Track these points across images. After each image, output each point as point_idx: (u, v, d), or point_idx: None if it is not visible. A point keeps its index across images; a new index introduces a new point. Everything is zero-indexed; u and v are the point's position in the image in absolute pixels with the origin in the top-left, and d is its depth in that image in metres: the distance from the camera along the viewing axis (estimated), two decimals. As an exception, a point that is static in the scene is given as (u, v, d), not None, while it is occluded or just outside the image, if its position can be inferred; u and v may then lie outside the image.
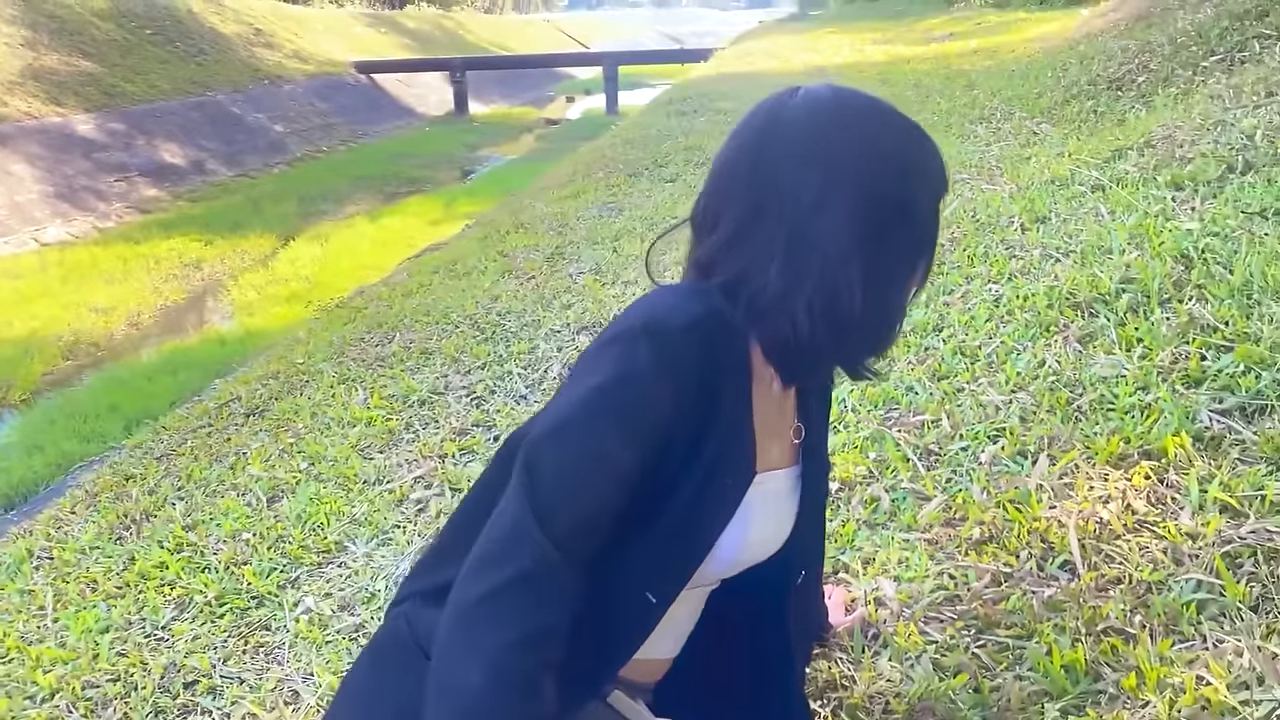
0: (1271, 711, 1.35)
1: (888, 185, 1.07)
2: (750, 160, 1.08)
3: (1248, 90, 5.10)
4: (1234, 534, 1.76)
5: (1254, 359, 2.35)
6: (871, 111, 1.10)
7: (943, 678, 1.56)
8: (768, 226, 1.04)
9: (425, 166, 23.04)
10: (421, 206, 17.82)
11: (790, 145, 1.06)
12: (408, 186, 20.70)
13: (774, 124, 1.09)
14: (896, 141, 1.10)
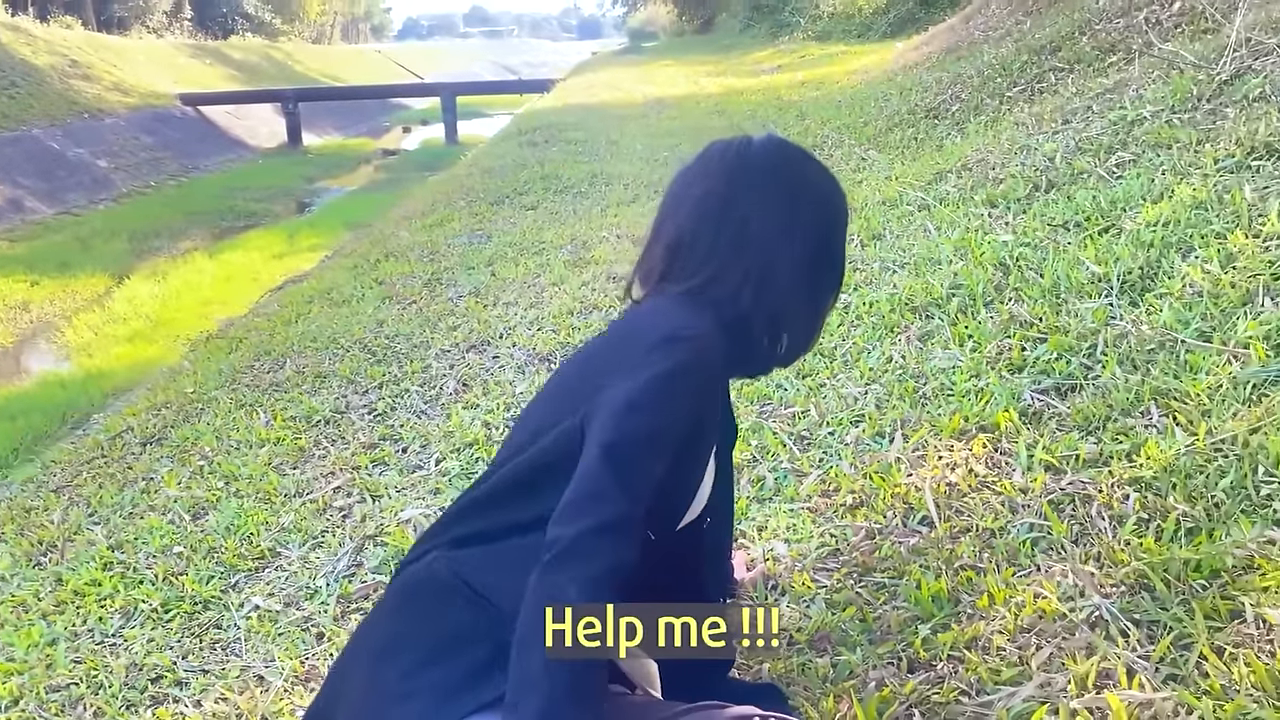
0: (1091, 614, 1.72)
1: (828, 227, 1.47)
2: (722, 198, 1.42)
3: (1047, 118, 5.73)
4: (1056, 486, 2.15)
5: (1064, 347, 2.79)
6: (815, 163, 1.51)
7: (834, 612, 1.88)
8: (740, 254, 1.39)
9: (261, 200, 22.55)
10: (263, 240, 17.47)
11: (759, 189, 1.42)
12: (245, 221, 20.23)
13: (743, 169, 1.43)
14: (834, 190, 1.51)
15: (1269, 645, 1.55)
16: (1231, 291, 2.75)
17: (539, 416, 1.41)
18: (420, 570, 1.39)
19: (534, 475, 1.34)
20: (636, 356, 1.32)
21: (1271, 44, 4.78)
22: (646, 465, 1.26)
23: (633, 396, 1.27)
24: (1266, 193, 3.33)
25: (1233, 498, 1.91)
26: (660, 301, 1.43)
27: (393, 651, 1.31)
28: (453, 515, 1.44)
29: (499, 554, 1.34)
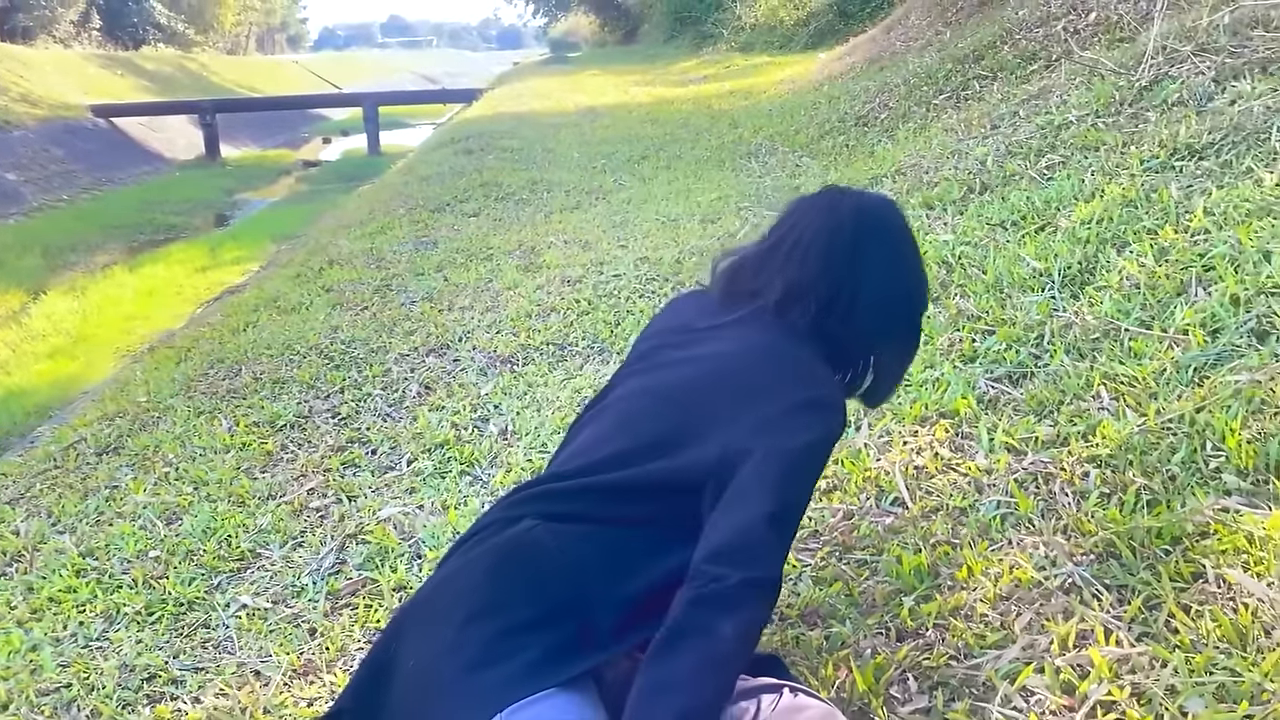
0: (1065, 580, 1.83)
1: (925, 292, 1.78)
2: (848, 254, 1.63)
3: (975, 123, 5.94)
4: (1019, 466, 2.27)
5: (1013, 338, 2.93)
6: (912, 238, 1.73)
7: (821, 588, 1.96)
8: (866, 307, 1.63)
9: (180, 213, 22.04)
10: (184, 254, 17.07)
11: (889, 252, 1.68)
12: (165, 234, 19.75)
13: (875, 232, 1.67)
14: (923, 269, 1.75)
15: (1231, 602, 1.67)
16: (1166, 282, 2.91)
17: (670, 425, 1.51)
18: (522, 535, 1.44)
19: (654, 485, 1.46)
20: (785, 409, 1.48)
21: (1185, 51, 5.03)
22: (796, 528, 1.47)
23: (794, 463, 1.43)
24: (1191, 190, 3.52)
25: (1186, 471, 2.04)
26: (783, 333, 1.60)
27: (490, 612, 1.36)
28: (556, 493, 1.50)
29: (605, 540, 1.43)
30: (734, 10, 23.14)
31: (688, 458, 1.45)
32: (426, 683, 1.37)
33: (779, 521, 1.38)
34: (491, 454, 2.90)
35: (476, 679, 1.32)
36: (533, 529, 1.45)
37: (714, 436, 1.45)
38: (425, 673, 1.38)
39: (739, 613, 1.31)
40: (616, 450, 1.53)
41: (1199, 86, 4.59)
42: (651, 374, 1.66)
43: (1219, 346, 2.48)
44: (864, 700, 1.62)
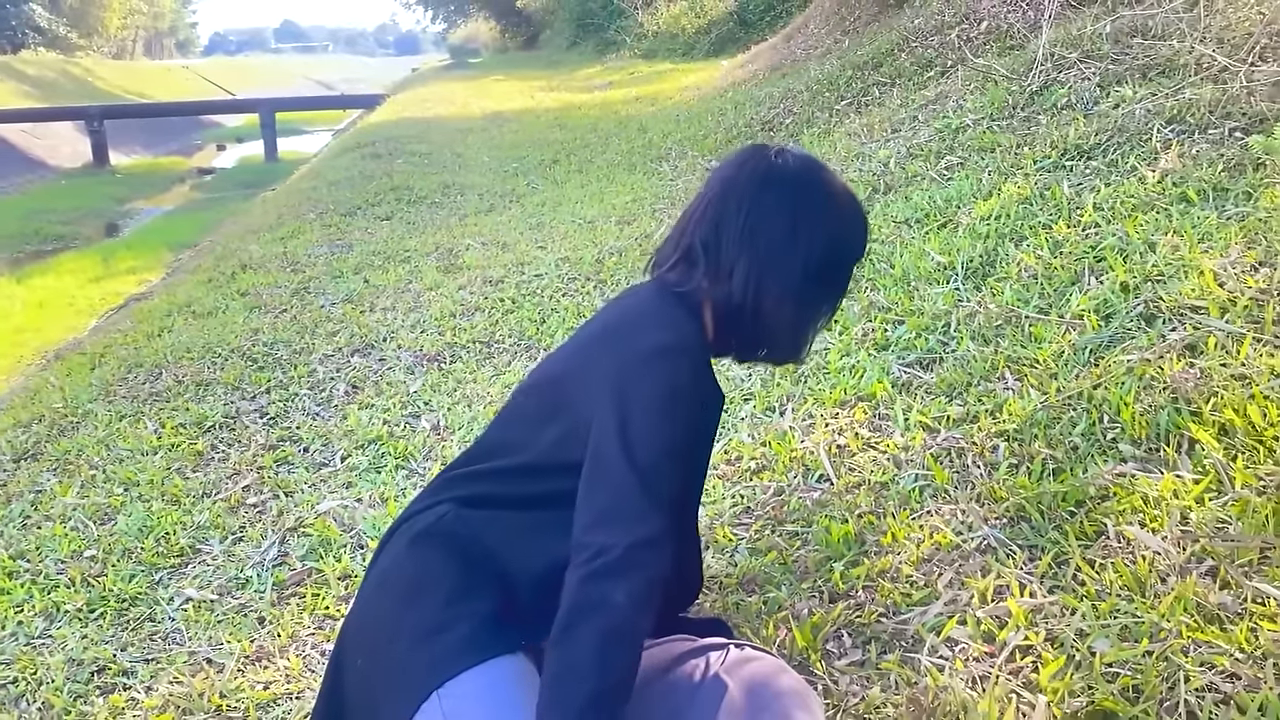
0: (982, 542, 1.97)
1: (839, 248, 1.57)
2: (740, 198, 1.51)
3: (877, 128, 6.17)
4: (934, 442, 2.42)
5: (922, 327, 3.10)
6: (839, 186, 1.58)
7: (757, 558, 2.07)
8: (744, 250, 1.49)
9: (69, 222, 21.28)
10: (75, 264, 16.51)
11: (778, 194, 1.51)
12: (53, 244, 19.03)
13: (769, 175, 1.52)
14: (851, 213, 1.59)
15: (1130, 555, 1.83)
16: (1062, 272, 3.12)
17: (549, 400, 1.53)
18: (430, 520, 1.50)
19: (546, 462, 1.49)
20: (633, 362, 1.44)
21: (1072, 58, 5.32)
22: (670, 479, 1.41)
23: (646, 416, 1.39)
24: (1081, 188, 3.75)
25: (1086, 441, 2.21)
26: (650, 292, 1.56)
27: (420, 590, 1.43)
28: (462, 477, 1.56)
29: (513, 521, 1.49)
30: (636, 18, 23.33)
31: (566, 430, 1.47)
32: (373, 672, 1.44)
33: (646, 478, 1.36)
34: (426, 448, 2.95)
35: (422, 653, 1.39)
36: (444, 516, 1.51)
37: (581, 402, 1.46)
38: (371, 665, 1.45)
39: (630, 579, 1.32)
40: (511, 433, 1.60)
41: (1085, 91, 4.87)
42: (549, 358, 1.70)
43: (1111, 329, 2.68)
44: (804, 655, 1.74)
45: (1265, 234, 2.90)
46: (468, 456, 1.63)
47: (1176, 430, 2.16)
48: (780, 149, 1.57)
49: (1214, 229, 3.04)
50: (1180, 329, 2.57)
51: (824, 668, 1.72)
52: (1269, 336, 2.40)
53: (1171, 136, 3.92)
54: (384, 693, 1.40)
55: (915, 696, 1.58)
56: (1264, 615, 1.63)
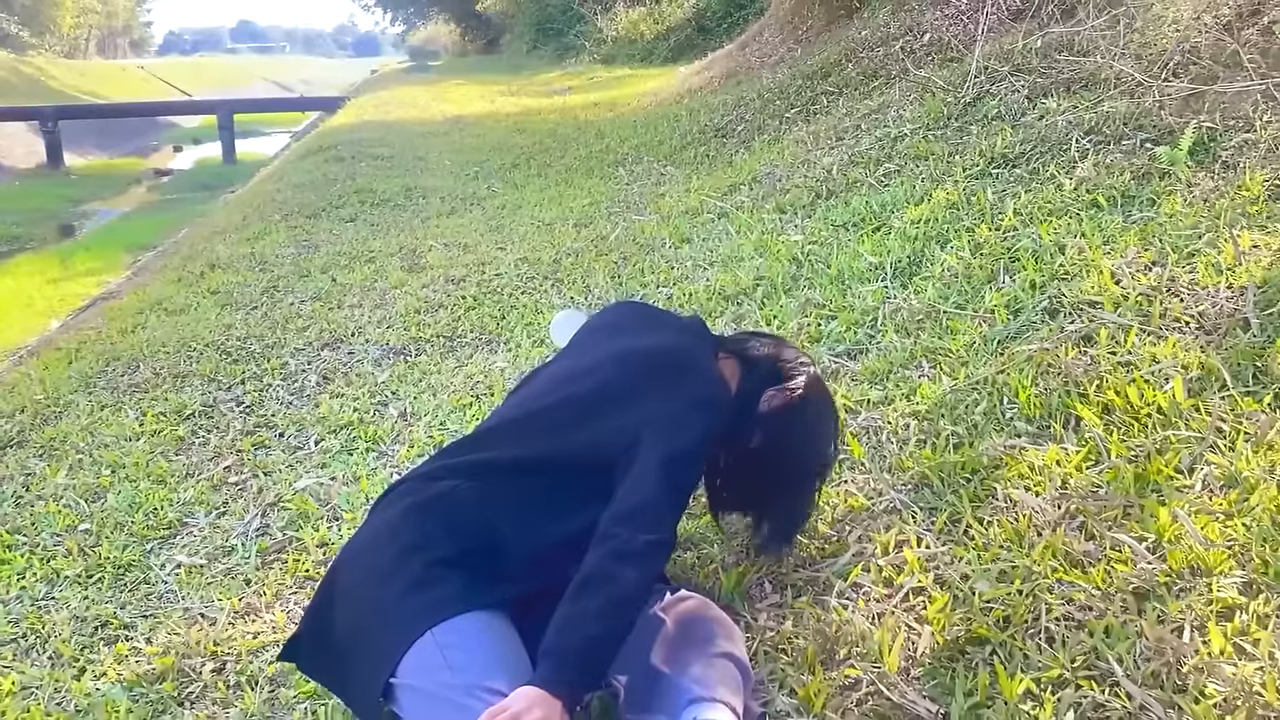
0: (889, 505, 2.25)
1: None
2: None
3: (823, 135, 6.47)
4: (854, 423, 2.70)
5: (851, 321, 3.38)
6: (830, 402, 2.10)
7: (693, 521, 2.34)
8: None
9: (23, 224, 21.15)
10: (32, 265, 16.48)
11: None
12: (7, 246, 18.94)
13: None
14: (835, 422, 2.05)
15: (1014, 515, 2.11)
16: (980, 272, 3.42)
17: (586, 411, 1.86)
18: (445, 489, 1.79)
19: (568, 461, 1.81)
20: (682, 404, 1.83)
21: (1004, 71, 5.66)
22: (687, 501, 1.86)
23: (685, 451, 1.79)
24: (1004, 194, 4.06)
25: (986, 419, 2.50)
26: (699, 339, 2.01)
27: (419, 546, 1.70)
28: (477, 461, 1.85)
29: (517, 502, 1.78)
30: (596, 23, 23.59)
31: (602, 435, 1.81)
32: (366, 601, 1.70)
33: (673, 496, 1.77)
34: (394, 433, 3.19)
35: (409, 601, 1.65)
36: (456, 487, 1.80)
37: (626, 420, 1.81)
38: (365, 593, 1.71)
39: (641, 565, 1.67)
40: (537, 413, 1.90)
41: (1014, 103, 5.20)
42: (577, 357, 2.03)
43: (1019, 323, 2.98)
44: (729, 599, 2.01)
45: (1160, 237, 3.21)
46: (479, 442, 1.92)
47: (1065, 409, 2.45)
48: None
49: (1117, 232, 3.36)
50: (1078, 321, 2.87)
51: (747, 609, 1.98)
52: (1154, 328, 2.71)
53: (1089, 146, 4.25)
54: (377, 630, 1.65)
55: (821, 629, 1.85)
56: (1119, 560, 1.91)
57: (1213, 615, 1.73)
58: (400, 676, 1.59)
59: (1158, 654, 1.66)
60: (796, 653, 1.82)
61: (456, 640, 1.59)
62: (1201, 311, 2.73)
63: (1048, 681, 1.66)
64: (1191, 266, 2.96)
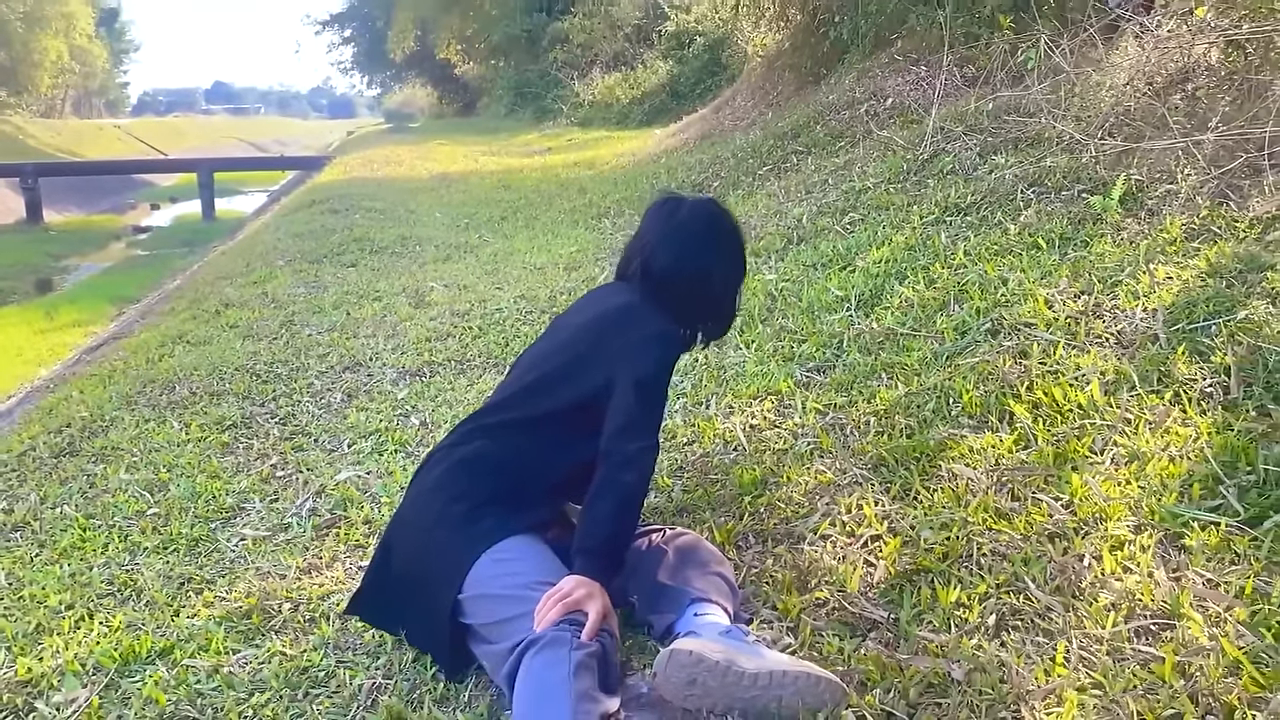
0: (852, 479, 2.69)
1: (740, 259, 2.51)
2: (672, 241, 2.43)
3: (793, 189, 7.00)
4: (824, 421, 3.14)
5: (820, 343, 3.84)
6: (732, 223, 2.49)
7: (688, 494, 2.77)
8: (684, 269, 2.41)
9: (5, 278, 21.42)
10: (19, 317, 16.74)
11: (696, 235, 2.43)
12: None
13: (687, 219, 2.46)
14: (740, 239, 2.50)
15: (954, 484, 2.56)
16: (933, 302, 3.89)
17: (570, 368, 2.30)
18: (471, 450, 2.25)
19: (564, 408, 2.25)
20: (642, 342, 2.26)
21: (959, 131, 6.23)
22: (660, 412, 2.30)
23: (651, 375, 2.23)
24: (956, 238, 4.56)
25: (935, 415, 2.96)
26: (632, 293, 2.42)
27: (461, 496, 2.16)
28: (496, 423, 2.31)
29: (532, 447, 2.24)
30: (573, 87, 24.37)
31: (584, 384, 2.26)
32: (424, 546, 2.14)
33: (649, 409, 2.22)
34: (418, 438, 3.61)
35: (463, 534, 2.09)
36: (481, 446, 2.27)
37: (598, 368, 2.25)
38: (422, 539, 2.16)
39: (637, 468, 2.13)
40: (533, 382, 2.36)
41: (967, 159, 5.75)
42: (558, 330, 2.52)
43: (965, 341, 3.45)
44: (721, 546, 2.43)
45: (1090, 271, 3.71)
46: (490, 411, 2.38)
47: (1001, 406, 2.91)
48: (689, 198, 2.53)
49: (1053, 268, 3.85)
50: (1015, 339, 3.34)
51: (735, 555, 2.41)
52: (1079, 343, 3.18)
53: (1032, 197, 4.78)
54: (439, 564, 2.08)
55: (796, 564, 2.28)
56: (1039, 514, 2.36)
57: (1107, 548, 2.18)
58: (466, 590, 2.01)
59: (1062, 574, 2.11)
60: (776, 581, 2.25)
61: (507, 555, 2.03)
62: (1120, 330, 3.21)
63: (976, 595, 2.10)
64: (1114, 294, 3.45)
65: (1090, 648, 1.89)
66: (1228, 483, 2.32)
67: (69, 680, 2.21)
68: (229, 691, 2.11)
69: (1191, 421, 2.60)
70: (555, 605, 1.89)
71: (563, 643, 1.83)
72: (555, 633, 1.85)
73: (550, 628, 1.86)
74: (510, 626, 1.94)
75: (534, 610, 1.91)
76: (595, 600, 1.92)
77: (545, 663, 1.81)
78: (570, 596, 1.90)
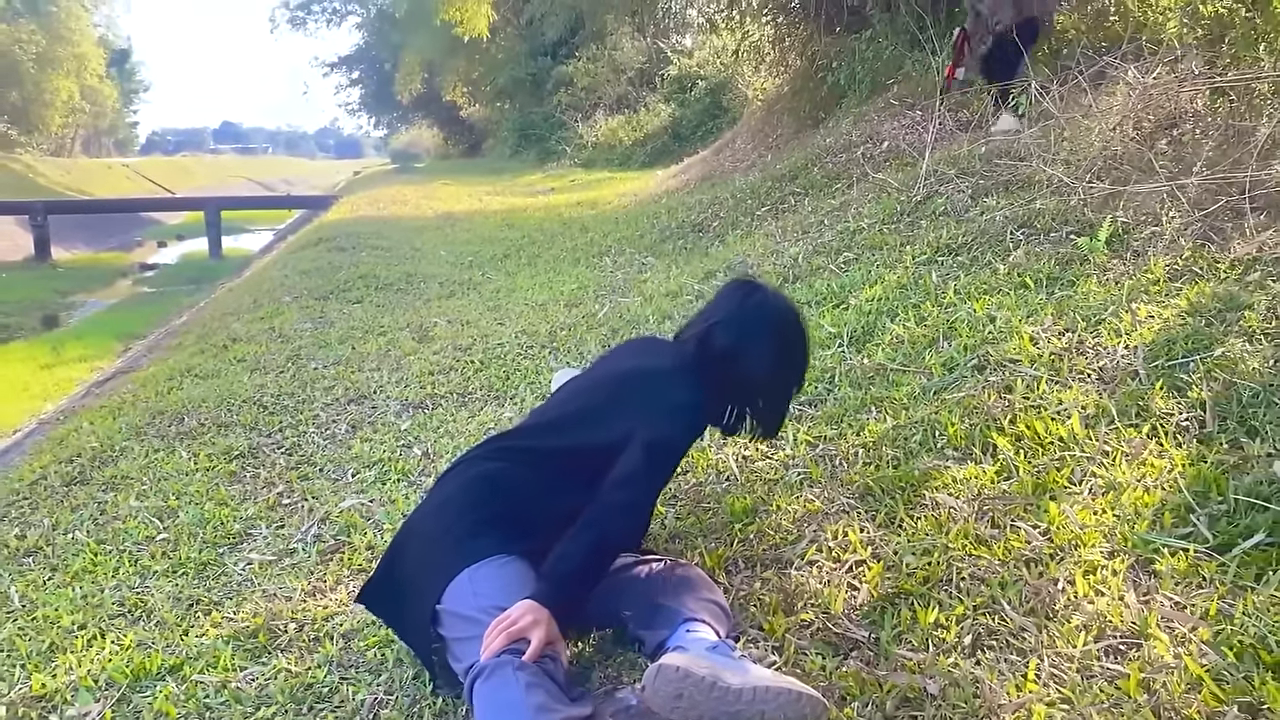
0: (839, 508, 2.78)
1: (800, 367, 2.60)
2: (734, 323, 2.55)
3: (790, 230, 7.14)
4: (814, 453, 3.24)
5: (812, 378, 3.94)
6: (801, 328, 2.61)
7: (681, 521, 2.86)
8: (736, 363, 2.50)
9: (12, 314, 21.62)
10: (25, 352, 16.90)
11: (760, 325, 2.56)
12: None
13: (756, 307, 2.59)
14: (806, 346, 2.60)
15: (937, 512, 2.65)
16: (922, 339, 4.00)
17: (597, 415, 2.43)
18: (493, 468, 2.37)
19: (583, 448, 2.36)
20: (670, 409, 2.39)
21: (951, 174, 6.37)
22: (664, 479, 2.39)
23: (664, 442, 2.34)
24: (947, 277, 4.68)
25: (921, 447, 3.06)
26: (682, 362, 2.53)
27: (468, 508, 2.27)
28: (516, 447, 2.44)
29: (541, 480, 2.35)
30: (576, 129, 24.70)
31: (598, 433, 2.37)
32: (426, 549, 2.24)
33: (652, 471, 2.31)
34: (420, 468, 3.71)
35: (457, 547, 2.20)
36: (501, 467, 2.39)
37: (617, 420, 2.37)
38: (428, 543, 2.25)
39: (622, 519, 2.25)
40: (555, 418, 2.50)
41: (959, 201, 5.89)
42: (593, 371, 2.65)
43: (953, 377, 3.55)
44: (711, 572, 2.52)
45: (1075, 309, 3.82)
46: (520, 434, 2.52)
47: (984, 439, 3.01)
48: (763, 287, 2.67)
49: (1039, 306, 3.96)
50: (1000, 374, 3.45)
51: (725, 578, 2.50)
52: (1061, 378, 3.28)
53: (1022, 238, 4.90)
54: (432, 571, 2.18)
55: (783, 587, 2.37)
56: (1017, 541, 2.45)
57: (1081, 573, 2.27)
58: (443, 603, 2.11)
59: (1037, 596, 2.20)
60: (763, 604, 2.34)
61: (482, 575, 2.14)
62: (1101, 366, 3.31)
63: (954, 616, 2.19)
64: (1097, 332, 3.55)
65: (1060, 665, 1.98)
66: (1199, 511, 2.41)
67: (82, 695, 2.30)
68: (236, 706, 2.20)
69: (1167, 453, 2.70)
70: (500, 634, 1.98)
71: (505, 665, 1.93)
72: (496, 662, 1.95)
73: (493, 657, 1.96)
74: (464, 647, 2.05)
75: (483, 634, 2.00)
76: (539, 628, 2.00)
77: (494, 687, 1.92)
78: (516, 625, 1.99)
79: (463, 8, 13.11)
